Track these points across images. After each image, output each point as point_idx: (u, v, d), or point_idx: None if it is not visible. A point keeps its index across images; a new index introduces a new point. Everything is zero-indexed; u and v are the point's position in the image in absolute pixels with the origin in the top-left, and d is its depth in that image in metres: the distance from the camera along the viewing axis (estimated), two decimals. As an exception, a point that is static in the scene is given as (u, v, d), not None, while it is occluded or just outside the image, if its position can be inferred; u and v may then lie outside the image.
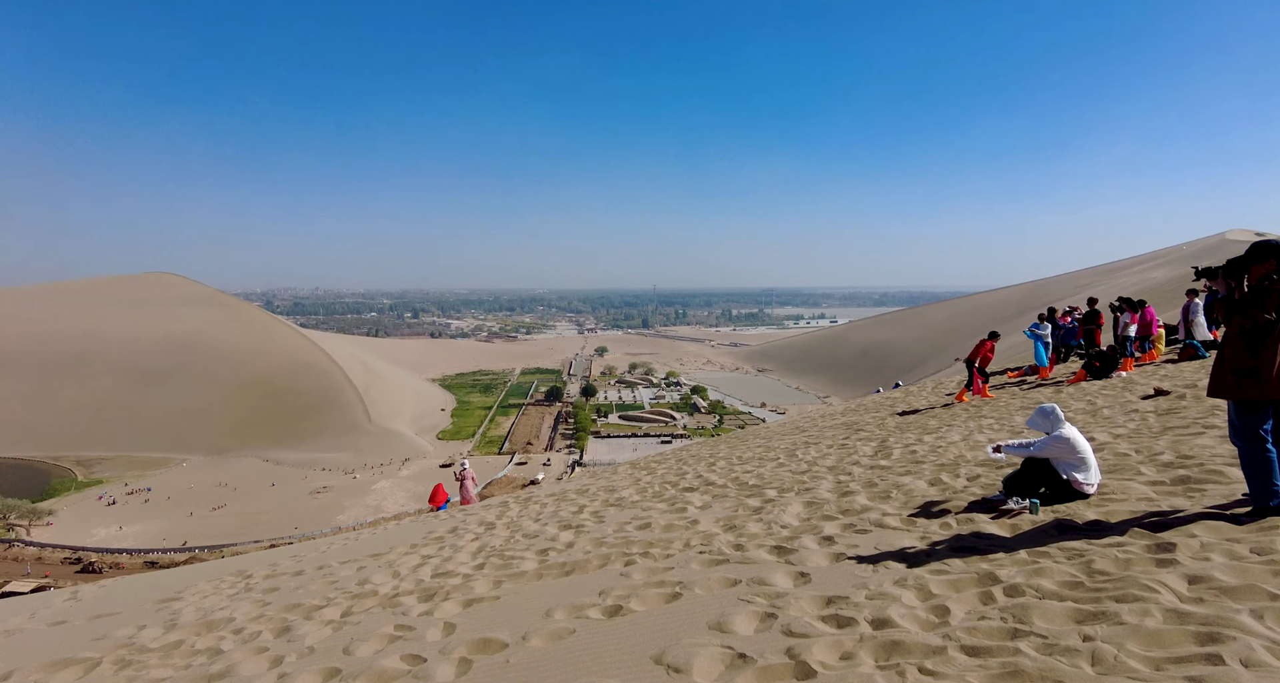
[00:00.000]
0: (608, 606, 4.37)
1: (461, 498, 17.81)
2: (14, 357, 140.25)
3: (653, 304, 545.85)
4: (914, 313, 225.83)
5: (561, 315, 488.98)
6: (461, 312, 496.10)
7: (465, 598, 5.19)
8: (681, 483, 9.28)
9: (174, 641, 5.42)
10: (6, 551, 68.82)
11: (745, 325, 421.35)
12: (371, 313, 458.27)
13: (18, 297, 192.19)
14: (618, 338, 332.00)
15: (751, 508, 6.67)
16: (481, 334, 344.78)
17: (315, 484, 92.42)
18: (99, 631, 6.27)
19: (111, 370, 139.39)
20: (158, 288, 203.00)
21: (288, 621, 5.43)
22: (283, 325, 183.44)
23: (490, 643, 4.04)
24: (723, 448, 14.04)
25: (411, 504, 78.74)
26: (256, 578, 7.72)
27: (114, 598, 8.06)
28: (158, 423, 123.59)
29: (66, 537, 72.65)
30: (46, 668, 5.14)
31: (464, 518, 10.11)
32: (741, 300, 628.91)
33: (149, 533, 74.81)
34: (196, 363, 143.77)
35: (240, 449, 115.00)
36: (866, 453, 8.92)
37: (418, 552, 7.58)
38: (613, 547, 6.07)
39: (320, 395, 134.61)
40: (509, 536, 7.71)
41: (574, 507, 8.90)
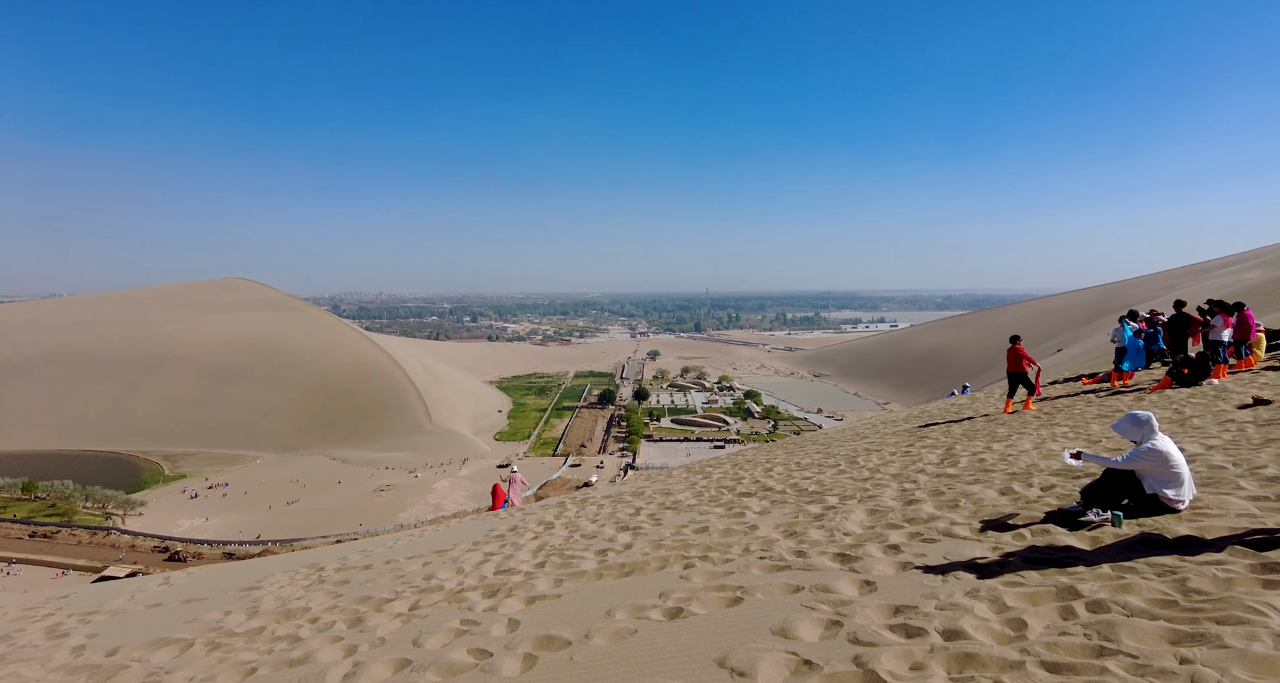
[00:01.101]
0: (668, 607, 4.38)
1: (509, 500, 18.25)
2: (108, 358, 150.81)
3: (705, 308, 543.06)
4: (979, 317, 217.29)
5: (614, 319, 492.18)
6: (517, 315, 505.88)
7: (528, 596, 5.28)
8: (738, 488, 9.20)
9: (257, 627, 5.72)
10: (105, 538, 73.95)
11: (800, 329, 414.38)
12: (432, 317, 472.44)
13: (111, 302, 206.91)
14: (670, 341, 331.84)
15: (812, 515, 6.56)
16: (536, 337, 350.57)
17: (379, 482, 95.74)
18: (190, 614, 6.68)
19: (192, 371, 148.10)
20: (234, 293, 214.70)
21: (359, 612, 5.65)
22: (349, 328, 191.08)
23: (554, 640, 4.10)
24: (779, 454, 13.85)
25: (470, 503, 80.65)
26: (328, 571, 8.05)
27: (201, 585, 8.56)
28: (233, 421, 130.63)
29: (155, 527, 77.48)
30: (147, 646, 5.51)
31: (523, 517, 10.29)
32: (796, 304, 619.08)
33: (227, 526, 79.03)
34: (268, 364, 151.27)
35: (309, 447, 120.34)
36: (932, 460, 8.64)
37: (480, 549, 7.76)
38: (671, 550, 6.07)
39: (384, 396, 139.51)
40: (568, 535, 7.80)
41: (630, 509, 8.94)
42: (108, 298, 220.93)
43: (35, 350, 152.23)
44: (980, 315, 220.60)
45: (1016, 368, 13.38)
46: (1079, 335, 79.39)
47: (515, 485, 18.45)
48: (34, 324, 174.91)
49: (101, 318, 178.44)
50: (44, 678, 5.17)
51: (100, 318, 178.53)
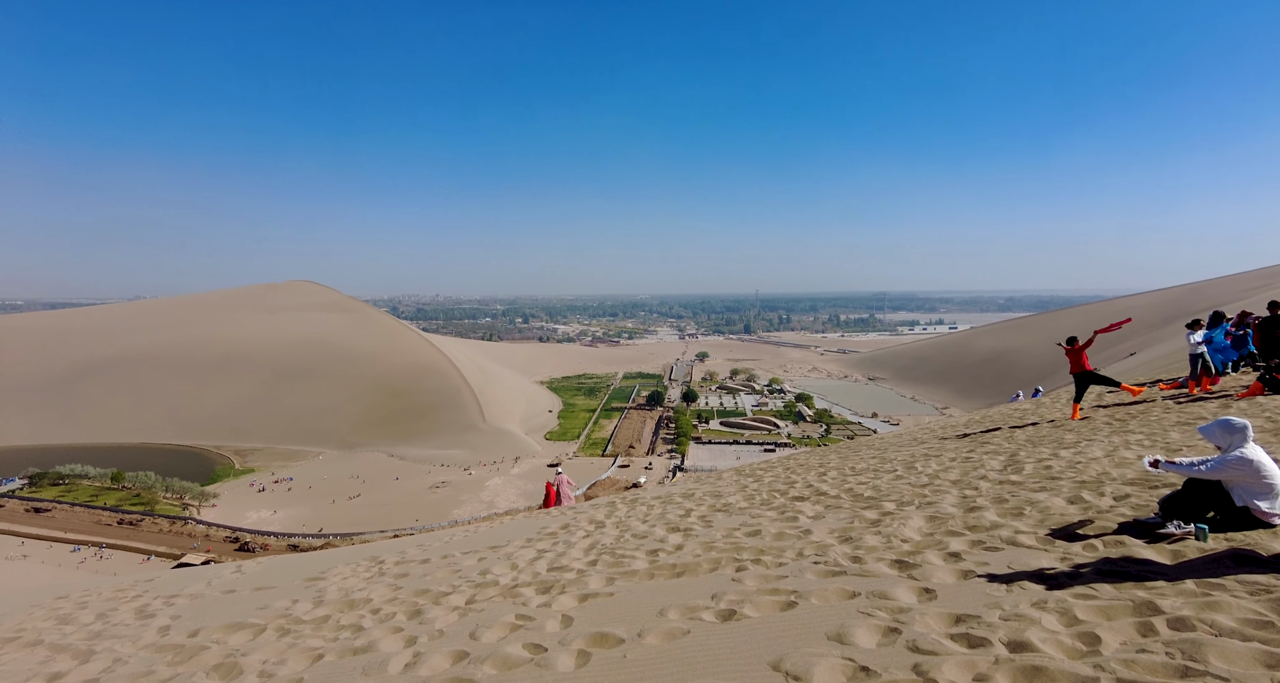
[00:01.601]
0: (721, 609, 4.36)
1: (560, 500, 18.62)
2: (185, 357, 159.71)
3: (755, 309, 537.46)
4: (1045, 319, 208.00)
5: (663, 320, 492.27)
6: (567, 317, 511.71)
7: (580, 593, 5.35)
8: (791, 492, 9.07)
9: (322, 615, 5.97)
10: (183, 527, 78.38)
11: (854, 331, 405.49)
12: (485, 318, 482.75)
13: (187, 304, 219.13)
14: (719, 343, 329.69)
15: (868, 520, 6.42)
16: (586, 339, 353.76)
17: (434, 479, 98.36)
18: (261, 601, 7.02)
19: (260, 369, 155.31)
20: (299, 295, 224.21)
21: (418, 604, 5.83)
22: (407, 329, 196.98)
23: (607, 638, 4.14)
24: (833, 458, 13.59)
25: (521, 501, 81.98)
26: (388, 564, 8.32)
27: (270, 574, 8.99)
28: (298, 418, 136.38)
29: (227, 518, 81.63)
30: (224, 629, 5.83)
31: (575, 516, 10.41)
32: (850, 305, 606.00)
33: (292, 519, 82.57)
34: (331, 363, 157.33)
35: (368, 444, 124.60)
36: (994, 467, 8.33)
37: (533, 546, 7.90)
38: (723, 552, 6.04)
39: (439, 395, 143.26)
40: (619, 535, 7.85)
41: (680, 510, 8.93)
42: (184, 300, 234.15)
43: (121, 350, 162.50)
44: (1046, 317, 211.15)
45: (1080, 368, 12.80)
46: (1154, 339, 75.02)
47: (563, 487, 18.82)
48: (121, 325, 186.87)
49: (179, 319, 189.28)
50: (135, 655, 5.52)
51: (177, 319, 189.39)
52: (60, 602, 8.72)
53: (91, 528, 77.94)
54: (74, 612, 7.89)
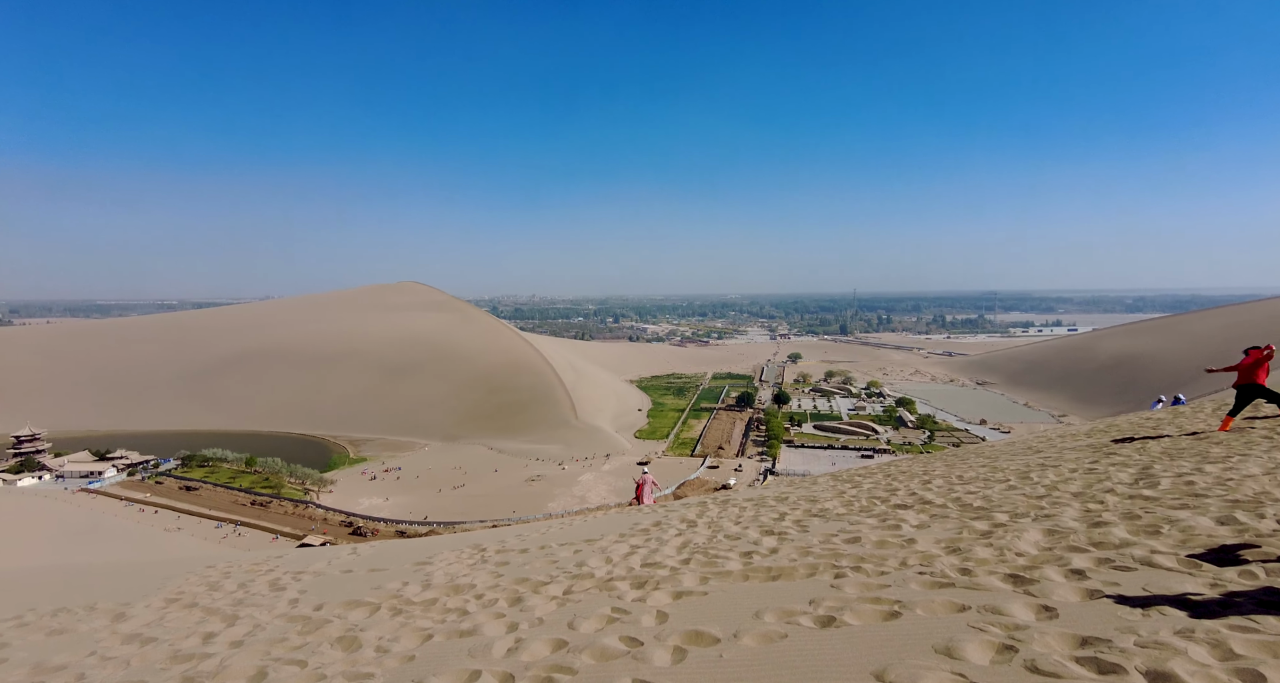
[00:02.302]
0: (819, 615, 4.26)
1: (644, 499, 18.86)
2: (306, 352, 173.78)
3: (852, 309, 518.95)
4: (1180, 321, 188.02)
5: (753, 321, 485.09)
6: (656, 317, 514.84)
7: (674, 590, 5.38)
8: (892, 499, 8.71)
9: (431, 598, 6.33)
10: (304, 510, 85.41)
11: (961, 333, 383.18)
12: (578, 318, 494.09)
13: (308, 304, 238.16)
14: (813, 344, 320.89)
15: (978, 531, 6.06)
16: (675, 339, 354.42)
17: (530, 473, 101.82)
18: (375, 582, 7.54)
19: (372, 365, 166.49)
20: (407, 295, 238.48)
21: (519, 592, 6.06)
22: (505, 328, 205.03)
23: (702, 636, 4.14)
24: (938, 465, 12.91)
25: (612, 497, 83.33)
26: (489, 552, 8.70)
27: (383, 557, 9.63)
28: (405, 411, 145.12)
29: (342, 503, 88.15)
30: (344, 606, 6.32)
31: (666, 514, 10.46)
32: (957, 305, 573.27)
33: (400, 506, 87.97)
34: (436, 360, 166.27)
35: (469, 437, 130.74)
36: (1124, 480, 7.63)
37: (626, 541, 8.01)
38: (820, 557, 5.89)
39: (535, 392, 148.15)
40: (711, 535, 7.83)
41: (774, 514, 8.78)
42: (307, 300, 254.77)
43: (254, 345, 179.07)
44: (1184, 319, 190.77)
45: (1250, 379, 11.30)
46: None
47: (647, 487, 19.06)
48: (254, 323, 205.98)
49: (302, 318, 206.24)
50: (271, 622, 6.09)
51: (301, 318, 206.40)
52: (209, 571, 9.74)
53: (230, 507, 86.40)
54: (220, 580, 8.78)
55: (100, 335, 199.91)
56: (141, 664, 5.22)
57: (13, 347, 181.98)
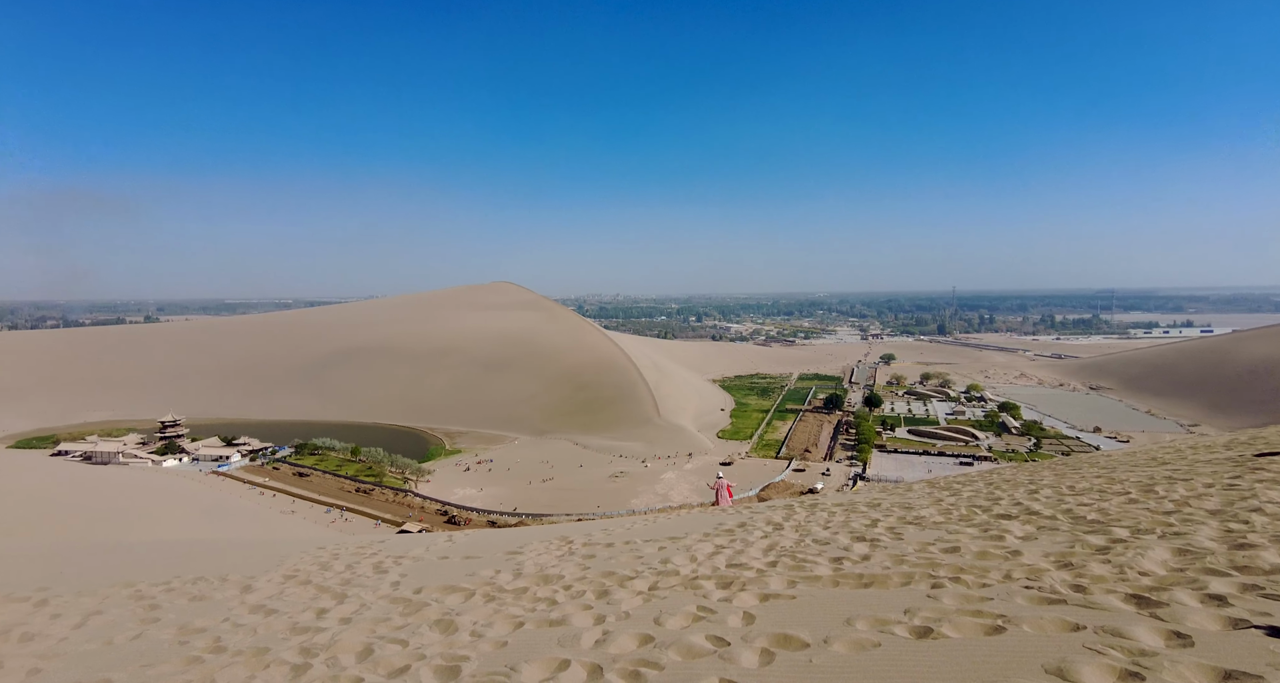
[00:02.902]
0: (915, 625, 4.08)
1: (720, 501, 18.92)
2: (406, 348, 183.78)
3: (951, 308, 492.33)
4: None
5: (843, 320, 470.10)
6: (740, 315, 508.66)
7: (761, 592, 5.31)
8: (995, 508, 8.21)
9: (521, 587, 6.55)
10: (403, 498, 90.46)
11: (1073, 334, 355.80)
12: (661, 317, 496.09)
13: (409, 303, 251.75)
14: (907, 345, 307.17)
15: (1094, 546, 5.61)
16: (759, 338, 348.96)
17: (614, 469, 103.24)
18: (469, 569, 7.88)
19: (467, 361, 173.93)
20: (500, 295, 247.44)
21: (605, 586, 6.17)
22: (591, 327, 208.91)
23: (790, 640, 4.07)
24: (1046, 474, 12.05)
25: (694, 496, 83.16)
26: (576, 545, 8.91)
27: (476, 545, 10.06)
28: (498, 406, 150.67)
29: (438, 492, 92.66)
30: (441, 590, 6.65)
31: (751, 516, 10.34)
32: (1068, 304, 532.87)
33: (491, 497, 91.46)
34: (526, 357, 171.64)
35: (556, 432, 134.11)
36: (1275, 498, 6.84)
37: (710, 541, 7.98)
38: (915, 566, 5.64)
39: (618, 389, 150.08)
40: (798, 538, 7.67)
41: (866, 520, 8.49)
42: (408, 299, 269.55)
43: (361, 341, 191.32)
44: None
45: None
46: None
47: (723, 490, 19.03)
48: (360, 320, 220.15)
49: (404, 316, 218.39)
50: (375, 602, 6.50)
51: (403, 316, 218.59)
52: (320, 551, 10.51)
53: (337, 493, 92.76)
54: (330, 561, 9.46)
55: (229, 332, 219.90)
56: (266, 633, 5.71)
57: (160, 342, 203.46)
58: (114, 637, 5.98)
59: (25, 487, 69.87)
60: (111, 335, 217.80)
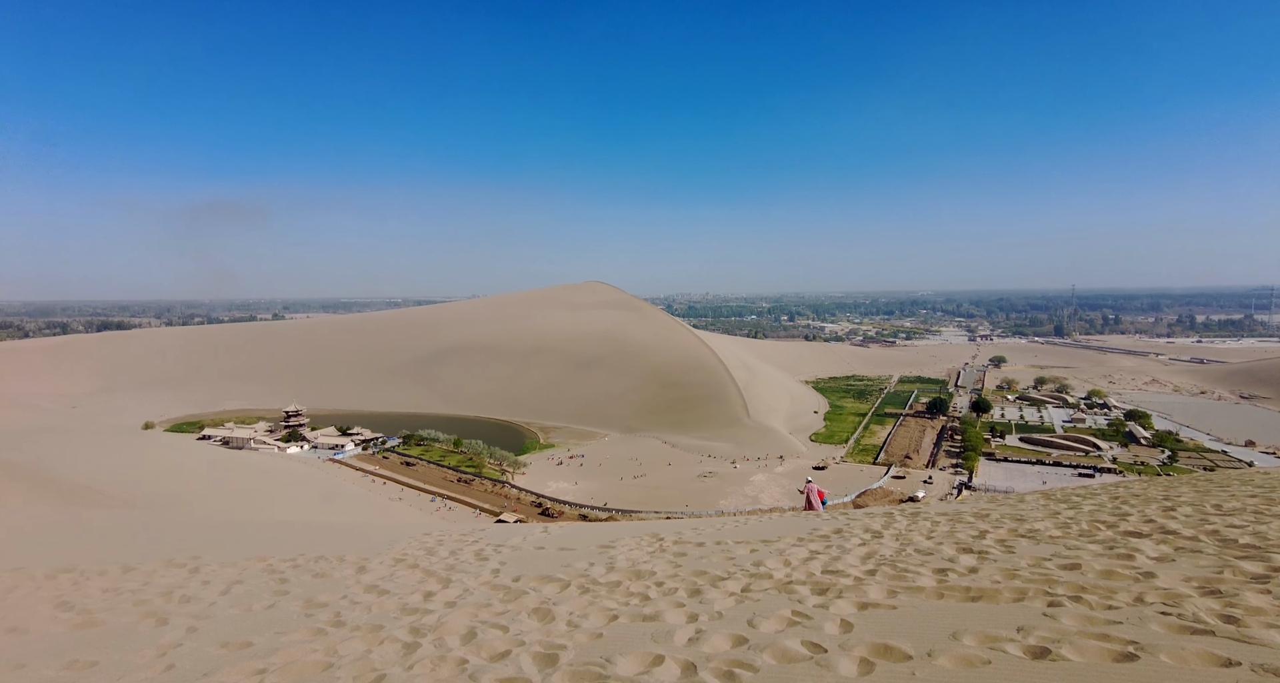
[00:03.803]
0: (1029, 644, 3.82)
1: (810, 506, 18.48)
2: (505, 345, 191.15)
3: (1071, 308, 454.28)
4: None
5: (948, 320, 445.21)
6: (835, 315, 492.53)
7: (859, 600, 5.14)
8: (1122, 525, 7.52)
9: (615, 580, 6.67)
10: (501, 489, 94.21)
11: (1218, 336, 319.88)
12: (751, 316, 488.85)
13: (507, 301, 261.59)
14: (1019, 347, 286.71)
15: (1247, 574, 5.02)
16: (856, 338, 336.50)
17: (702, 469, 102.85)
18: (564, 560, 8.11)
19: (560, 359, 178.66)
20: (592, 294, 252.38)
21: (697, 584, 6.17)
22: (680, 326, 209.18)
23: (891, 650, 3.92)
24: (1184, 491, 10.90)
25: (785, 500, 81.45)
26: (667, 542, 8.95)
27: (570, 538, 10.32)
28: (589, 402, 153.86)
29: (532, 485, 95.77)
30: (539, 580, 6.88)
31: (847, 522, 10.01)
32: (1213, 303, 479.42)
33: (583, 491, 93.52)
34: (617, 355, 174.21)
35: (645, 430, 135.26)
36: None
37: (805, 545, 7.80)
38: (1029, 582, 5.27)
39: (707, 389, 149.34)
40: (899, 547, 7.35)
41: (972, 531, 8.01)
42: (506, 298, 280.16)
43: (463, 338, 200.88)
44: None
45: None
46: None
47: (811, 496, 18.50)
48: (463, 318, 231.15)
49: (502, 314, 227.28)
50: (477, 588, 6.82)
51: (500, 314, 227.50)
52: (425, 538, 11.14)
53: (440, 482, 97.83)
54: (435, 547, 10.00)
55: (346, 329, 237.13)
56: (380, 612, 6.13)
57: (286, 338, 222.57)
58: (252, 605, 6.61)
59: (181, 466, 78.42)
60: (245, 332, 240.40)
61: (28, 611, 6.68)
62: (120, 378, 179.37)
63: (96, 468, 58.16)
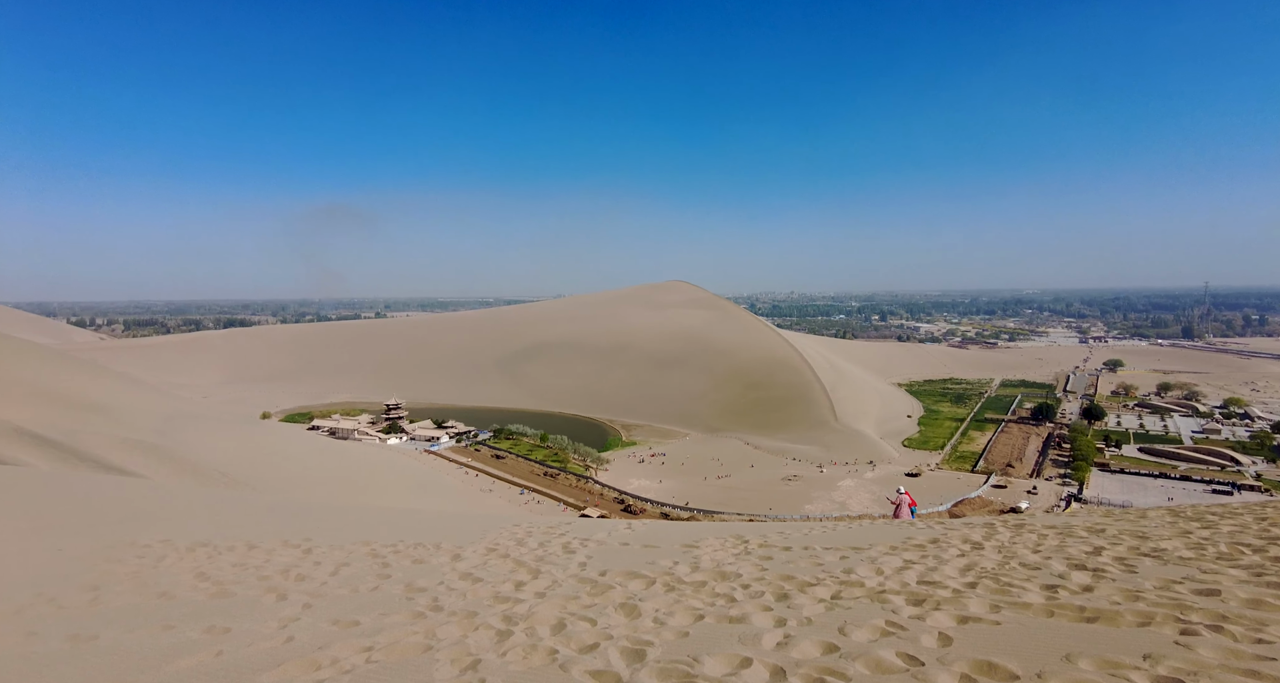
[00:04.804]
0: (1160, 674, 3.50)
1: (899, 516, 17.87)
2: (589, 343, 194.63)
3: (1203, 307, 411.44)
4: None
5: (1056, 320, 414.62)
6: (931, 314, 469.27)
7: (958, 613, 4.88)
8: (1272, 550, 6.75)
9: (700, 580, 6.65)
10: (584, 484, 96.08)
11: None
12: (840, 315, 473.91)
13: (592, 301, 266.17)
14: (1139, 350, 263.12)
15: None
16: (954, 339, 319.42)
17: (787, 472, 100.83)
18: (649, 557, 8.16)
19: (642, 358, 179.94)
20: (673, 293, 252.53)
21: (784, 589, 6.05)
22: (763, 325, 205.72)
23: (995, 668, 3.70)
24: (1344, 512, 9.63)
25: (875, 507, 78.53)
26: (752, 545, 8.83)
27: (654, 535, 10.37)
28: (671, 401, 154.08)
29: (614, 481, 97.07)
30: (624, 575, 6.97)
31: (944, 532, 9.52)
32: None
33: (664, 490, 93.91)
34: (699, 355, 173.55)
35: (727, 430, 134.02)
36: None
37: (898, 554, 7.49)
38: (1156, 605, 4.83)
39: (792, 390, 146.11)
40: (1002, 560, 6.92)
41: (1086, 546, 7.42)
42: (590, 297, 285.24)
43: (549, 336, 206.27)
44: None
45: None
46: None
47: (903, 507, 17.74)
48: (549, 317, 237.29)
49: (584, 313, 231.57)
50: (565, 581, 6.99)
51: (584, 313, 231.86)
52: (515, 529, 11.52)
53: (527, 475, 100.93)
54: (524, 538, 10.33)
55: (441, 327, 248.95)
56: (474, 598, 6.39)
57: (387, 335, 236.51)
58: (358, 586, 7.07)
59: (295, 454, 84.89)
60: (351, 329, 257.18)
61: (173, 579, 7.44)
62: (242, 370, 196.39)
63: (223, 452, 63.99)
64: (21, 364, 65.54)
